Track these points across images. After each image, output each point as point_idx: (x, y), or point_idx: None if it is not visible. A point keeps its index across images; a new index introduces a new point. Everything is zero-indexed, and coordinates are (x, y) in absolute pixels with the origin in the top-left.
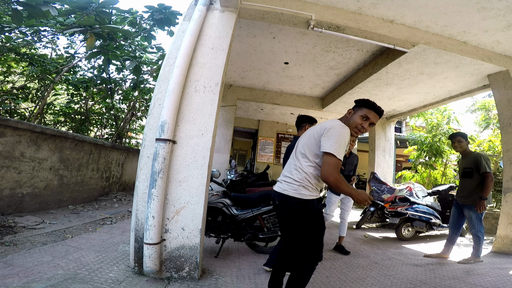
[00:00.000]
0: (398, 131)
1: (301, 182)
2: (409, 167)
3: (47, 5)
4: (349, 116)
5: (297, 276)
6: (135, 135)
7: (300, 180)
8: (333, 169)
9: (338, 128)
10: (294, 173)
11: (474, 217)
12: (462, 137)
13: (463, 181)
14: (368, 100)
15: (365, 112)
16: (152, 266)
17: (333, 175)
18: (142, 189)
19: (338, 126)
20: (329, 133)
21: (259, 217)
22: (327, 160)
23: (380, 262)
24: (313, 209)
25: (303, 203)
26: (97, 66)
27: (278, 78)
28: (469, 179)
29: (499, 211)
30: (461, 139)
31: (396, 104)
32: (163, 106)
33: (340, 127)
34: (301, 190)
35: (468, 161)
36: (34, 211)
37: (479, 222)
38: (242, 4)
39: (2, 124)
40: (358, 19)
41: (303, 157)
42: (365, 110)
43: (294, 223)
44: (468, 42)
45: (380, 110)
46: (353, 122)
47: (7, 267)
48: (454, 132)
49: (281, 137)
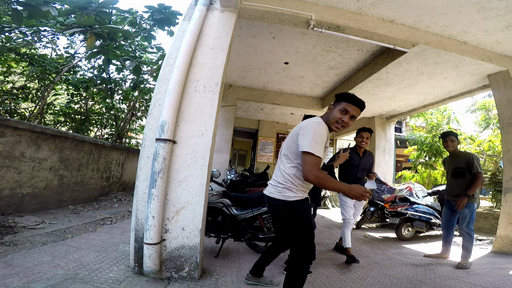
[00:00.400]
0: (398, 131)
1: (284, 184)
2: (409, 167)
3: (47, 5)
4: (329, 111)
5: (292, 277)
6: (135, 135)
7: (284, 182)
8: (311, 167)
9: (313, 126)
10: (279, 176)
11: (469, 216)
12: (455, 136)
13: (454, 181)
14: (348, 93)
15: (344, 106)
16: (152, 266)
17: (313, 173)
18: (142, 189)
19: (313, 124)
20: (305, 132)
21: (259, 217)
22: (305, 159)
23: (380, 262)
24: (297, 210)
25: (288, 205)
26: (97, 66)
27: (278, 78)
28: (460, 178)
29: (499, 211)
30: (454, 138)
31: (396, 104)
32: (163, 106)
33: (315, 124)
34: (285, 192)
35: (459, 161)
36: (34, 211)
37: (472, 221)
38: (242, 4)
39: (2, 124)
40: (358, 19)
41: (286, 158)
42: (344, 104)
43: (282, 224)
44: (468, 42)
45: (360, 102)
46: (333, 117)
47: (7, 267)
48: (447, 131)
49: (281, 137)
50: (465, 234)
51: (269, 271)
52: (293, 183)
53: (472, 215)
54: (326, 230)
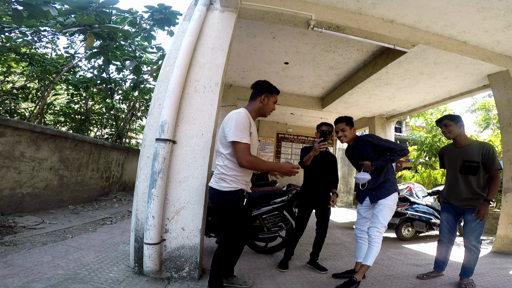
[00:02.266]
0: (398, 131)
1: (219, 175)
2: (409, 167)
3: (47, 5)
4: (263, 103)
5: (216, 257)
6: (135, 135)
7: (219, 174)
8: (243, 154)
9: (234, 116)
10: (216, 168)
11: (478, 226)
12: (450, 119)
13: (463, 179)
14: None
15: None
16: (152, 266)
17: (245, 159)
18: (142, 189)
19: (233, 115)
20: (228, 124)
21: (259, 217)
22: (235, 148)
23: (380, 262)
24: (228, 200)
25: (220, 194)
26: (97, 66)
27: (278, 78)
28: (472, 176)
29: (499, 211)
30: (448, 122)
31: (396, 104)
32: (163, 106)
33: (236, 115)
34: (220, 182)
35: (472, 152)
36: (34, 211)
37: (481, 233)
38: (242, 4)
39: (2, 124)
40: (358, 19)
41: (218, 152)
42: (275, 96)
43: (216, 212)
44: (468, 42)
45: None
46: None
47: (7, 267)
48: (440, 117)
49: (281, 137)
50: (472, 248)
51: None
52: (227, 173)
53: (482, 224)
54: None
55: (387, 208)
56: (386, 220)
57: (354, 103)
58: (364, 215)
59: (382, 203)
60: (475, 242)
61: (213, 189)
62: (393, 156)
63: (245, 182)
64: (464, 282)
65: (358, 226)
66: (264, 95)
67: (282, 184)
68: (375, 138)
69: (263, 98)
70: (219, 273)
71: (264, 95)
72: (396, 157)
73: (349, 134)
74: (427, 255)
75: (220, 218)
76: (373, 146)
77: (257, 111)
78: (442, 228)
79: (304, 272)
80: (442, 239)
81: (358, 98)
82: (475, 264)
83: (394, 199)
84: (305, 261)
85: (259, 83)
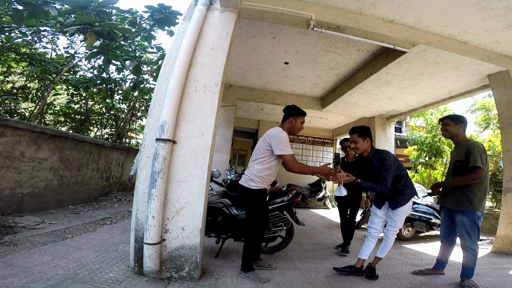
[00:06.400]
0: (398, 131)
1: (250, 176)
2: (409, 167)
3: (47, 4)
4: (292, 124)
5: (248, 241)
6: (135, 135)
7: (250, 175)
8: (292, 162)
9: (279, 135)
10: (249, 169)
11: (468, 226)
12: (451, 119)
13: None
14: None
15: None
16: (152, 266)
17: (294, 165)
18: (142, 189)
19: (278, 133)
20: (275, 140)
21: None
22: (284, 158)
23: (380, 262)
24: (255, 196)
25: (249, 192)
26: (97, 66)
27: (278, 78)
28: (459, 176)
29: (499, 211)
30: (448, 121)
31: (396, 104)
32: (163, 106)
33: (279, 133)
34: (249, 182)
35: (461, 152)
36: (34, 211)
37: (477, 231)
38: (242, 4)
39: (2, 124)
40: (358, 19)
41: (253, 158)
42: (302, 117)
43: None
44: (468, 42)
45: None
46: (297, 128)
47: (7, 267)
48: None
49: None
50: (467, 249)
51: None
52: (258, 175)
53: (473, 225)
54: (326, 230)
55: (405, 214)
56: (402, 223)
57: (354, 103)
58: (380, 215)
59: (401, 209)
60: (469, 243)
61: (244, 187)
62: (377, 187)
63: (269, 182)
64: (466, 284)
65: (373, 225)
66: (292, 117)
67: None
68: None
69: (292, 120)
70: (250, 258)
71: (292, 117)
72: (378, 190)
73: (361, 146)
74: (427, 255)
75: (247, 211)
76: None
77: (288, 130)
78: (441, 228)
79: (304, 272)
80: (442, 239)
81: (358, 98)
82: (474, 265)
83: (411, 203)
84: (305, 261)
85: (288, 107)
